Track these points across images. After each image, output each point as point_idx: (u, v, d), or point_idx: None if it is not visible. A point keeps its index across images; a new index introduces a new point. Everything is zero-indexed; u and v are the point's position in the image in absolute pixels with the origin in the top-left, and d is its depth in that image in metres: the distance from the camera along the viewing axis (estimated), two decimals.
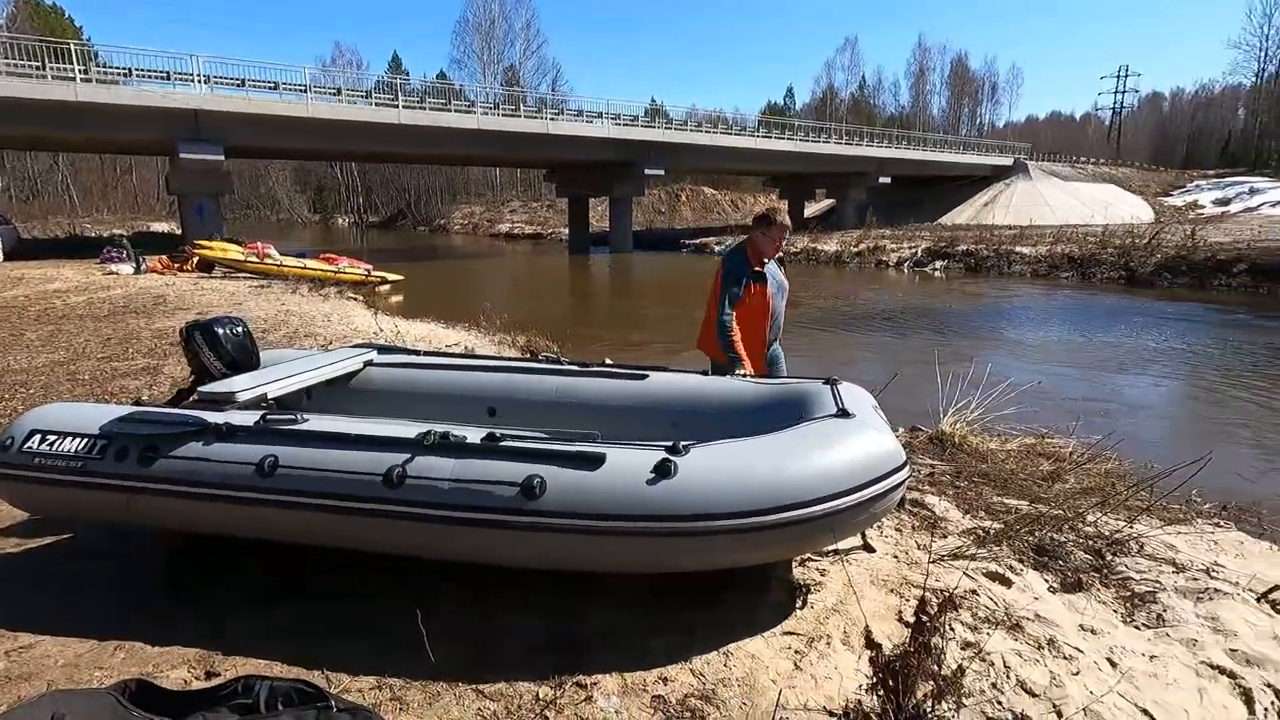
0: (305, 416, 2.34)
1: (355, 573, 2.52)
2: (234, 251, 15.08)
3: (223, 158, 20.03)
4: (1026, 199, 35.95)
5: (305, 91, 21.24)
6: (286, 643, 2.16)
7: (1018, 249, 20.89)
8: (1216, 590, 2.41)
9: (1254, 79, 53.73)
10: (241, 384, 2.64)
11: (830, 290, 17.69)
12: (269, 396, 2.70)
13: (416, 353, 3.52)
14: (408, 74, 54.62)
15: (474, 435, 2.19)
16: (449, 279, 21.67)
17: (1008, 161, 40.54)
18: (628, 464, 2.04)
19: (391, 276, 16.08)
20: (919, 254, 22.41)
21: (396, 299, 14.90)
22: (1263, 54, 52.29)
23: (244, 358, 2.88)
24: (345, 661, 2.07)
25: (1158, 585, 2.45)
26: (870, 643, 1.78)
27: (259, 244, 15.52)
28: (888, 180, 37.15)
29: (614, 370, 3.16)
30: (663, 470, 1.99)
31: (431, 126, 23.35)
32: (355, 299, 12.34)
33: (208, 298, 11.17)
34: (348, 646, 2.15)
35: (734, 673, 2.02)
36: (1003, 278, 19.54)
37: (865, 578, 2.52)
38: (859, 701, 1.87)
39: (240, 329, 2.91)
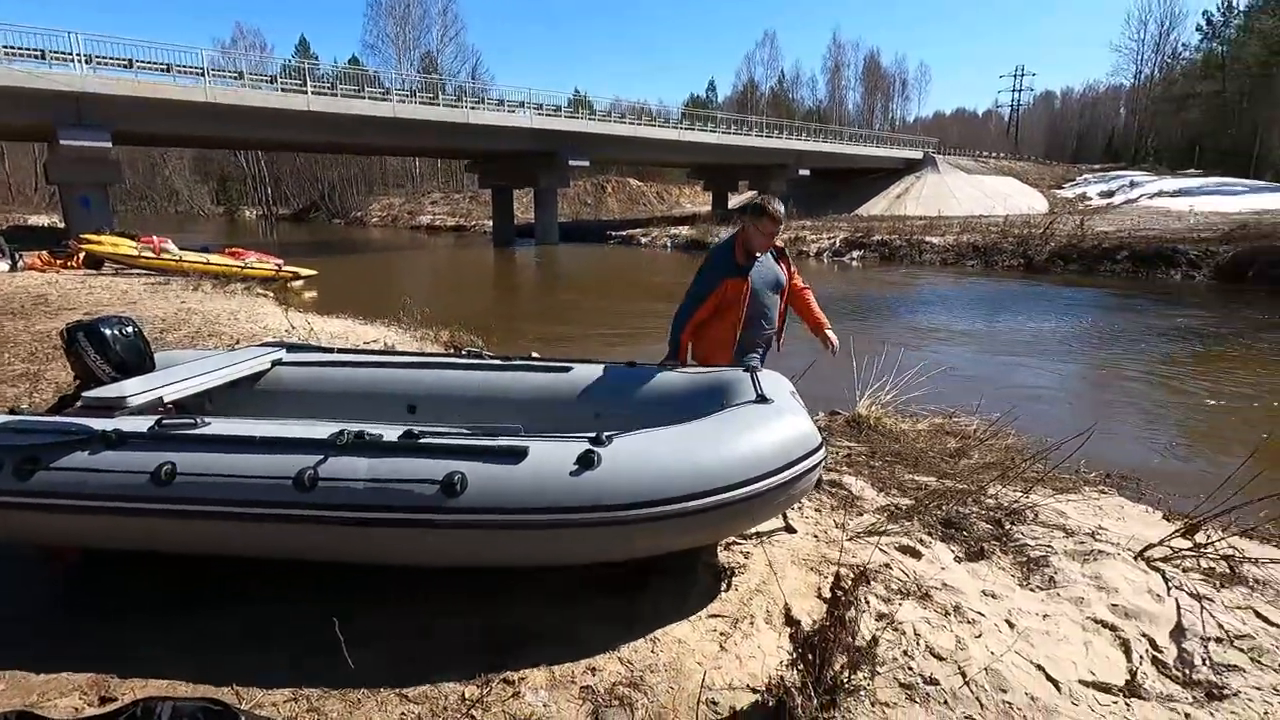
0: (206, 420, 2.20)
1: (267, 583, 2.40)
2: (126, 246, 13.98)
3: (110, 144, 18.53)
4: (935, 191, 37.79)
5: (203, 75, 19.89)
6: (192, 660, 2.04)
7: (928, 239, 21.96)
8: (1100, 551, 2.63)
9: (1133, 80, 58.38)
10: (132, 388, 2.46)
11: None
12: (165, 400, 2.52)
13: (329, 350, 3.37)
14: (316, 58, 52.12)
15: (391, 434, 2.13)
16: (367, 273, 20.86)
17: (918, 155, 42.48)
18: (551, 457, 2.02)
19: (304, 271, 15.33)
20: (837, 244, 23.22)
21: (310, 295, 14.22)
22: (1139, 57, 56.89)
23: (136, 360, 2.68)
24: (257, 675, 1.98)
25: (1050, 550, 2.64)
26: (790, 620, 1.84)
27: (155, 238, 14.46)
28: (807, 173, 38.26)
29: (537, 363, 3.14)
30: (586, 462, 1.99)
31: (343, 114, 22.35)
32: (265, 295, 11.70)
33: (97, 296, 10.34)
34: (260, 659, 2.05)
35: (661, 658, 2.05)
36: (915, 266, 20.51)
37: (787, 558, 2.60)
38: (781, 677, 1.93)
39: (131, 329, 2.71)
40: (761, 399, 2.38)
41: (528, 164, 28.44)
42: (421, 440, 2.08)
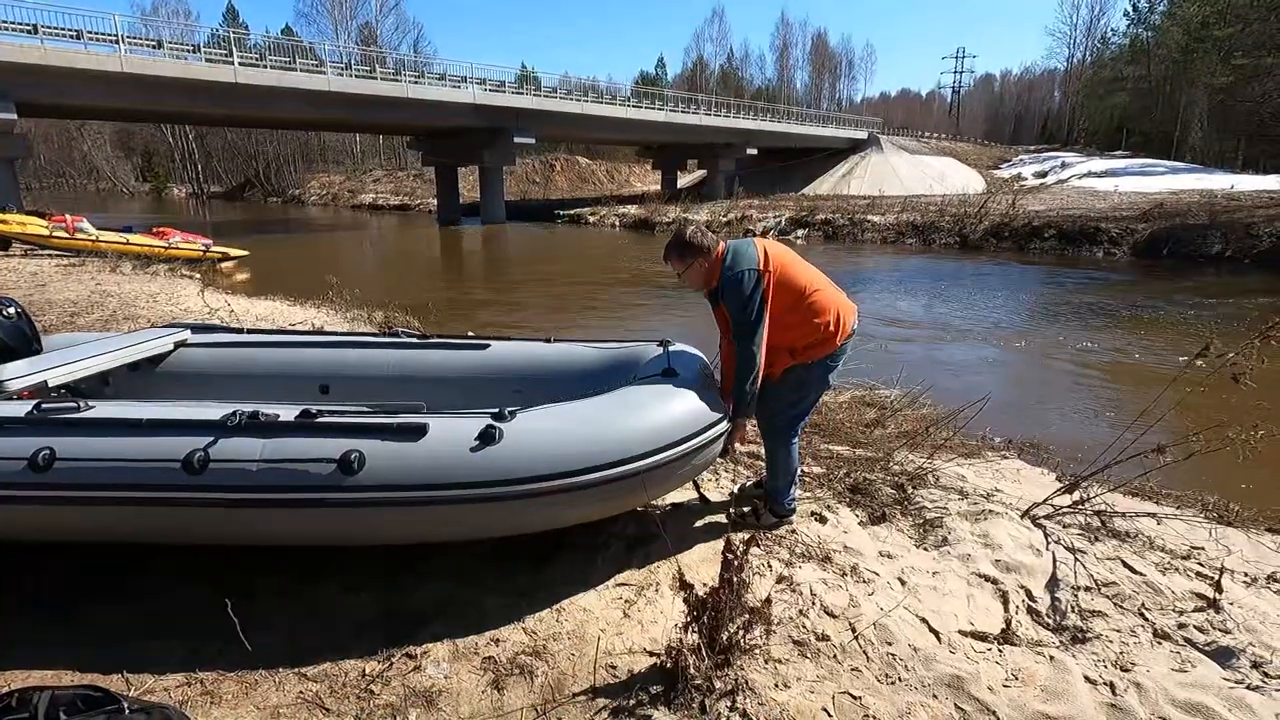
0: (90, 404, 2.12)
1: (167, 571, 2.35)
2: (36, 225, 13.14)
3: (14, 116, 17.28)
4: (879, 171, 38.51)
5: (119, 43, 18.68)
6: (78, 650, 1.99)
7: (869, 218, 22.42)
8: (991, 511, 2.78)
9: (1066, 64, 60.43)
10: (11, 371, 2.34)
11: None
12: (50, 384, 2.42)
13: (239, 330, 3.27)
14: (246, 27, 49.43)
15: (289, 414, 2.09)
16: (304, 254, 20.14)
17: (863, 135, 43.14)
18: (451, 433, 2.02)
19: (234, 252, 14.73)
20: (783, 223, 23.50)
21: (242, 277, 13.69)
22: (1072, 41, 58.92)
23: (19, 343, 2.56)
24: (148, 661, 1.95)
25: (945, 511, 2.78)
26: (683, 584, 1.90)
27: (68, 216, 13.63)
28: (755, 152, 38.46)
29: (454, 341, 3.12)
30: (487, 437, 2.00)
31: (275, 87, 21.33)
32: (191, 277, 11.20)
33: (2, 279, 9.73)
34: (156, 646, 2.02)
35: (565, 627, 2.10)
36: (857, 244, 20.95)
37: (697, 527, 2.67)
38: (680, 640, 2.00)
39: (12, 309, 2.58)
40: (668, 373, 2.42)
41: (473, 141, 27.77)
42: (318, 420, 2.06)
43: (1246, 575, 2.47)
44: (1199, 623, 2.20)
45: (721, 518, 2.73)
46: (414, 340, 3.11)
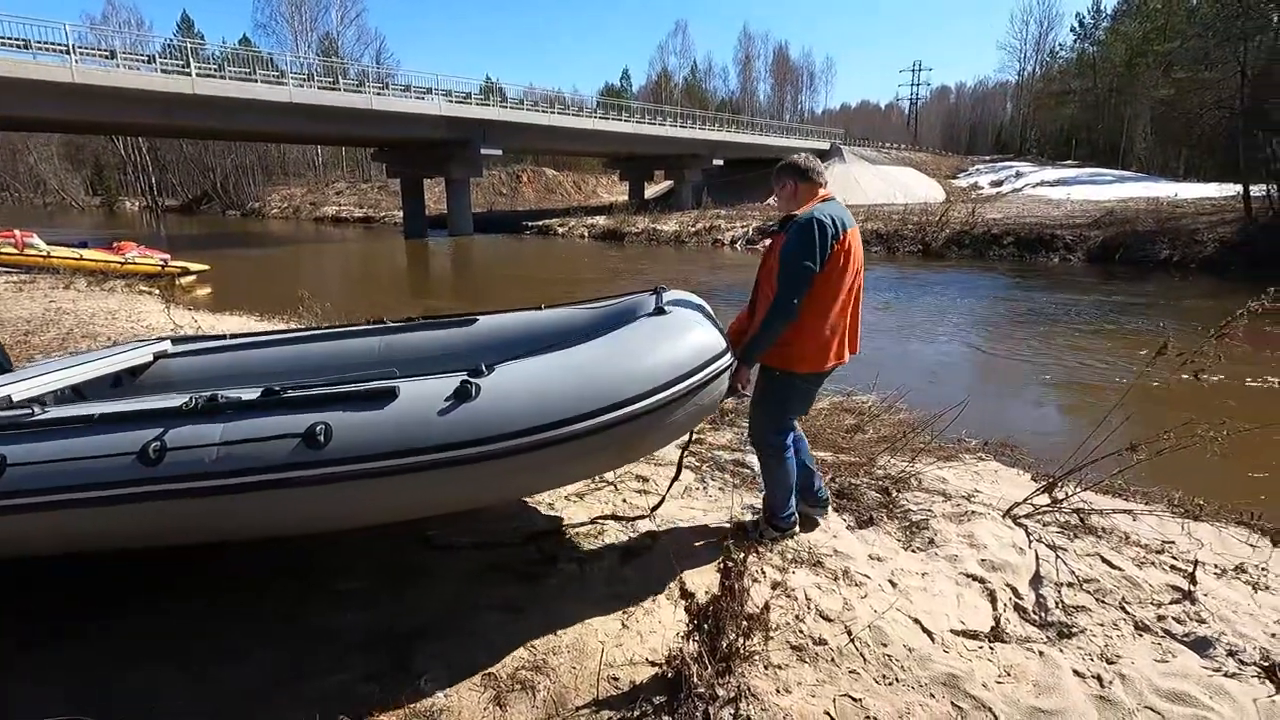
0: (45, 409, 2.04)
1: (146, 598, 2.27)
2: None
3: None
4: (842, 180, 39.26)
5: (69, 53, 18.13)
6: (59, 690, 1.91)
7: None
8: (973, 512, 2.85)
9: (1017, 76, 62.59)
10: None
11: (673, 270, 18.29)
12: (14, 400, 2.32)
13: (221, 336, 3.17)
14: (202, 38, 48.45)
15: (252, 395, 1.99)
16: (267, 268, 19.73)
17: (826, 146, 43.98)
18: (422, 394, 1.89)
19: (195, 266, 14.35)
20: (750, 232, 23.80)
21: (203, 292, 13.35)
22: (1022, 55, 61.14)
23: None
24: (133, 696, 1.87)
25: (930, 513, 2.84)
26: (685, 594, 1.91)
27: (16, 232, 13.15)
28: (721, 162, 38.94)
29: (440, 319, 3.04)
30: (463, 395, 1.85)
31: (235, 98, 20.93)
32: (150, 293, 10.88)
33: None
34: (131, 677, 1.94)
35: (564, 640, 2.08)
36: None
37: (690, 536, 2.69)
38: (680, 649, 2.00)
39: None
40: (659, 311, 2.26)
41: (438, 153, 27.57)
42: (281, 395, 1.94)
43: (1217, 567, 2.57)
44: (1176, 614, 2.28)
45: (716, 527, 2.74)
46: (401, 324, 3.03)
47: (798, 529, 2.65)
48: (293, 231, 35.12)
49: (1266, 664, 2.04)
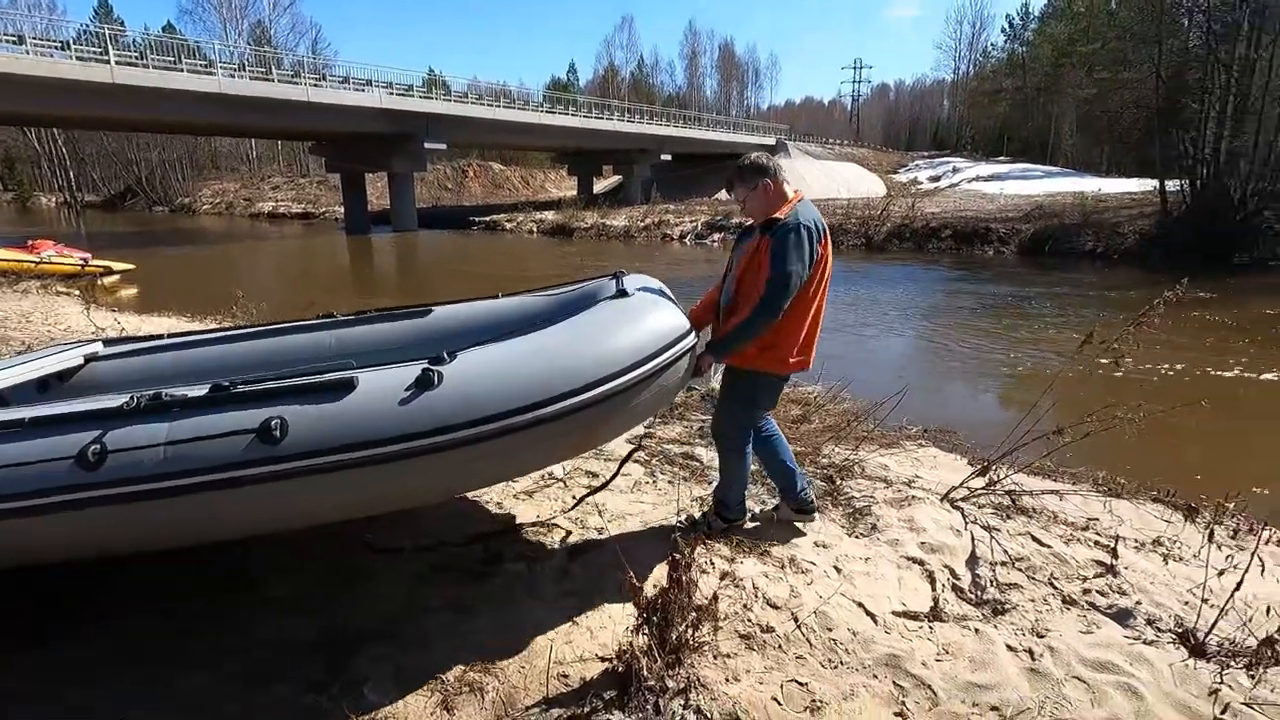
0: None
1: (103, 610, 2.15)
2: None
3: None
4: (789, 176, 39.73)
5: None
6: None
7: None
8: (913, 497, 2.94)
9: (953, 75, 64.85)
10: None
11: (624, 265, 18.26)
12: None
13: (158, 336, 3.00)
14: (122, 23, 45.90)
15: (199, 391, 1.91)
16: (199, 267, 18.89)
17: (772, 141, 44.62)
18: (383, 384, 1.84)
19: (119, 266, 13.61)
20: (699, 227, 24.00)
21: (128, 292, 12.69)
22: (957, 55, 63.38)
23: None
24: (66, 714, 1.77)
25: (872, 500, 2.92)
26: (634, 588, 1.91)
27: None
28: (669, 157, 39.08)
29: (395, 311, 2.96)
30: (424, 383, 1.81)
31: (158, 88, 19.86)
32: (69, 294, 10.27)
33: None
34: (70, 694, 1.84)
35: (512, 639, 2.06)
36: None
37: (640, 530, 2.69)
38: (630, 643, 2.01)
39: None
40: (620, 294, 2.26)
41: (380, 146, 26.82)
42: (231, 391, 1.85)
43: (1136, 541, 2.73)
44: (1100, 587, 2.41)
45: (663, 520, 2.76)
46: (352, 317, 2.94)
47: (746, 522, 2.69)
48: (226, 228, 33.69)
49: (1180, 630, 2.17)
